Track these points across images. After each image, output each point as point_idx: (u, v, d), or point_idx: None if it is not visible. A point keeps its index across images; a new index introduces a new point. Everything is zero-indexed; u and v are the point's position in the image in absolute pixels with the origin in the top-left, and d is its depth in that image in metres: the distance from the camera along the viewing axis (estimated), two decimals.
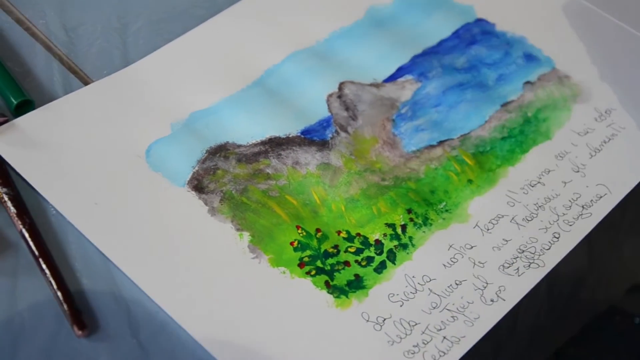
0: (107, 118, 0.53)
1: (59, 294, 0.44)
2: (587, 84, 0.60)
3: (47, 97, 0.54)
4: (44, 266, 0.45)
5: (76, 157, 0.51)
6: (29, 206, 0.48)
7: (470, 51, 0.61)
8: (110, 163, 0.51)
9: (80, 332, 0.44)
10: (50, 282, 0.45)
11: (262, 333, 0.46)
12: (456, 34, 0.62)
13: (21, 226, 0.47)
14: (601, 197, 0.54)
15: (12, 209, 0.47)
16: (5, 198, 0.48)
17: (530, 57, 0.61)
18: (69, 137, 0.51)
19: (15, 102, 0.52)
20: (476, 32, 0.62)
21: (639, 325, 0.78)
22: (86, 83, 0.55)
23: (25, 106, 0.52)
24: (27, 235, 0.46)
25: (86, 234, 0.47)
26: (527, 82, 0.59)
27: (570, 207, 0.53)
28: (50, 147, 0.51)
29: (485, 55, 0.61)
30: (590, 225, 0.53)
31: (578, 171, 0.55)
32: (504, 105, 0.58)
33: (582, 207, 0.53)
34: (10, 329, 0.43)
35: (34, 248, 0.46)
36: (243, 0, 0.61)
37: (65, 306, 0.44)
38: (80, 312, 0.44)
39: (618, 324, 0.78)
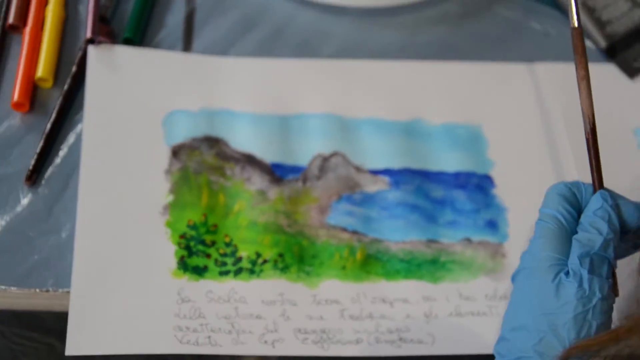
0: (169, 80, 0.73)
1: None
2: (511, 269, 0.68)
3: (153, 44, 0.75)
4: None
5: (129, 98, 0.71)
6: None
7: (453, 192, 0.71)
8: (143, 111, 0.71)
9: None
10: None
11: (115, 254, 0.64)
12: (457, 174, 0.72)
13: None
14: (421, 342, 0.64)
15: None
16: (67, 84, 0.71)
17: (492, 224, 0.70)
18: (137, 80, 0.72)
19: (125, 36, 0.74)
20: (473, 182, 0.72)
21: None
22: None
23: (132, 41, 0.74)
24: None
25: (83, 143, 0.68)
26: (467, 239, 0.69)
27: (392, 332, 0.64)
28: (119, 80, 0.72)
29: (460, 201, 0.71)
30: (389, 352, 0.63)
31: (427, 317, 0.65)
32: (430, 241, 0.69)
33: (400, 339, 0.64)
34: None
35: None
36: (333, 60, 0.76)
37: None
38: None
39: None
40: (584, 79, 0.54)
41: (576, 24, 0.55)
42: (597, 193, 0.53)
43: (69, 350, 0.59)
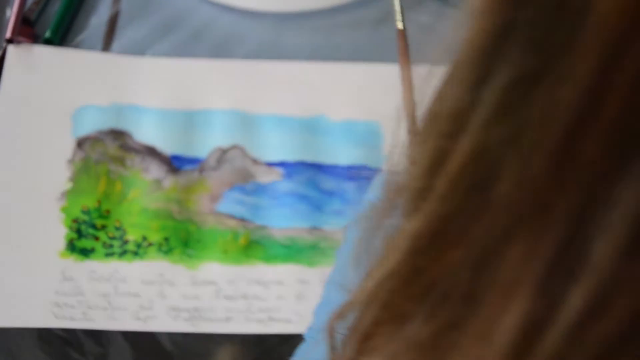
0: (83, 78, 0.78)
1: None
2: None
3: (74, 44, 0.80)
4: None
5: (42, 95, 0.76)
6: None
7: (343, 184, 0.74)
8: (55, 106, 0.76)
9: None
10: None
11: (8, 236, 0.69)
12: (350, 167, 0.75)
13: None
14: (289, 321, 0.67)
15: None
16: None
17: None
18: (52, 77, 0.77)
19: (45, 36, 0.79)
20: (365, 174, 0.75)
21: None
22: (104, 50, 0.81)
23: (52, 41, 0.79)
24: None
25: None
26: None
27: (263, 311, 0.67)
28: (35, 78, 0.77)
29: (349, 191, 0.73)
30: (256, 330, 0.66)
31: (298, 298, 0.68)
32: (313, 228, 0.71)
33: (270, 318, 0.67)
34: None
35: None
36: (242, 60, 0.80)
37: None
38: None
39: None
40: (407, 79, 0.57)
41: (400, 26, 0.57)
42: None
43: None
